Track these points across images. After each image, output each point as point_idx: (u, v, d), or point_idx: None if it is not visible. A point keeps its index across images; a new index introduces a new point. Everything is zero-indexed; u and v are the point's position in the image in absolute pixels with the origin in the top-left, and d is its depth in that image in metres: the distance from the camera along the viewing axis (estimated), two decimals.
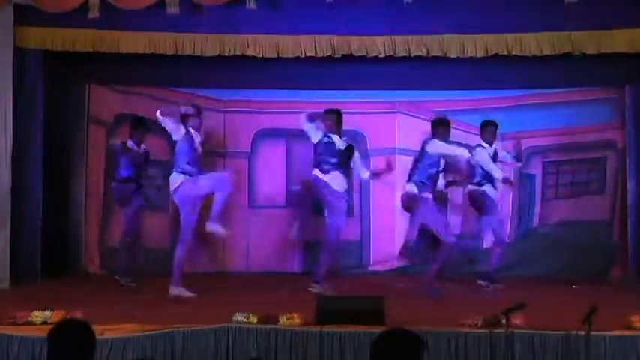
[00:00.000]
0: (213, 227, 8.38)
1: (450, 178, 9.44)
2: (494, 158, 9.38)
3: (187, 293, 8.45)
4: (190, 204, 8.46)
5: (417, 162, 8.79)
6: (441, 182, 9.10)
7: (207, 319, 7.14)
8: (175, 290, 8.45)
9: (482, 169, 9.26)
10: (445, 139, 8.74)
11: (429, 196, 8.69)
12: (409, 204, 8.80)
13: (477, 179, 9.29)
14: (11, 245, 9.09)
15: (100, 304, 7.92)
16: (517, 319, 6.60)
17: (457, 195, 10.30)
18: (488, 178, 9.27)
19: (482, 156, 9.22)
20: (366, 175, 9.21)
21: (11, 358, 6.70)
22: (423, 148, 8.71)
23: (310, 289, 8.58)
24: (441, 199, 9.67)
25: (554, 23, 8.94)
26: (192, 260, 9.02)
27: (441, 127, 8.78)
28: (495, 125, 9.48)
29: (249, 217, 10.64)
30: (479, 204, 9.40)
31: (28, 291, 8.84)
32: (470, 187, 9.37)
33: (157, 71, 10.19)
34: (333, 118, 8.90)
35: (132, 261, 9.57)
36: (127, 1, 8.93)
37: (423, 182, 8.63)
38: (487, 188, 9.26)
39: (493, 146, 9.44)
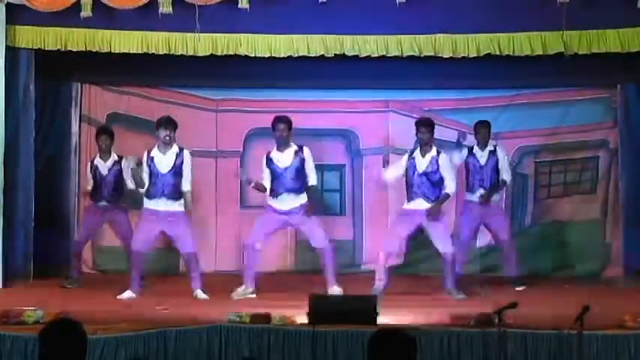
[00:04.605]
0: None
1: None
2: (497, 161, 9.42)
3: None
4: None
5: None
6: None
7: (200, 318, 7.14)
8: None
9: None
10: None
11: None
12: None
13: None
14: (3, 245, 9.07)
15: (92, 304, 7.92)
16: (509, 319, 6.61)
17: None
18: None
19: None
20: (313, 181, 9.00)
21: (4, 357, 6.70)
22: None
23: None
24: None
25: (547, 23, 8.93)
26: None
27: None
28: (487, 126, 9.50)
29: (240, 217, 10.63)
30: None
31: (21, 291, 8.83)
32: None
33: (149, 70, 10.17)
34: (285, 126, 8.80)
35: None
36: (119, 0, 8.92)
37: None
38: None
39: (487, 148, 9.44)
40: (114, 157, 9.51)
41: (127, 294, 8.61)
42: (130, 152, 9.64)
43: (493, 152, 9.48)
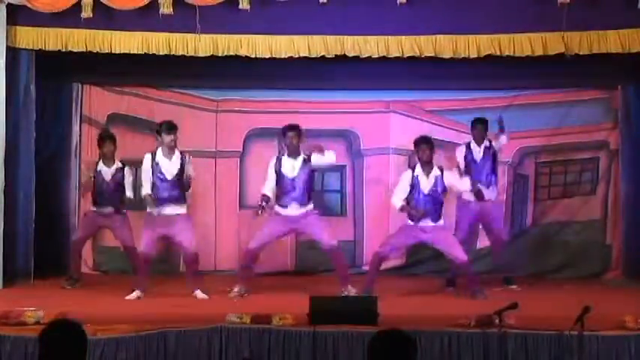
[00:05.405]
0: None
1: None
2: (494, 157, 9.43)
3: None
4: None
5: None
6: None
7: (200, 319, 7.14)
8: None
9: None
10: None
11: None
12: None
13: None
14: (4, 246, 9.06)
15: (92, 305, 7.92)
16: (510, 319, 6.62)
17: None
18: None
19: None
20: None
21: (4, 358, 6.70)
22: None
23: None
24: None
25: (547, 24, 8.93)
26: None
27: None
28: (484, 123, 9.49)
29: (240, 218, 10.63)
30: None
31: (21, 291, 8.83)
32: None
33: (150, 71, 10.17)
34: (294, 134, 8.77)
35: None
36: (120, 1, 8.91)
37: None
38: None
39: (482, 145, 9.44)
40: (117, 164, 9.48)
41: (136, 294, 8.58)
42: (130, 152, 9.68)
43: (488, 148, 9.48)
